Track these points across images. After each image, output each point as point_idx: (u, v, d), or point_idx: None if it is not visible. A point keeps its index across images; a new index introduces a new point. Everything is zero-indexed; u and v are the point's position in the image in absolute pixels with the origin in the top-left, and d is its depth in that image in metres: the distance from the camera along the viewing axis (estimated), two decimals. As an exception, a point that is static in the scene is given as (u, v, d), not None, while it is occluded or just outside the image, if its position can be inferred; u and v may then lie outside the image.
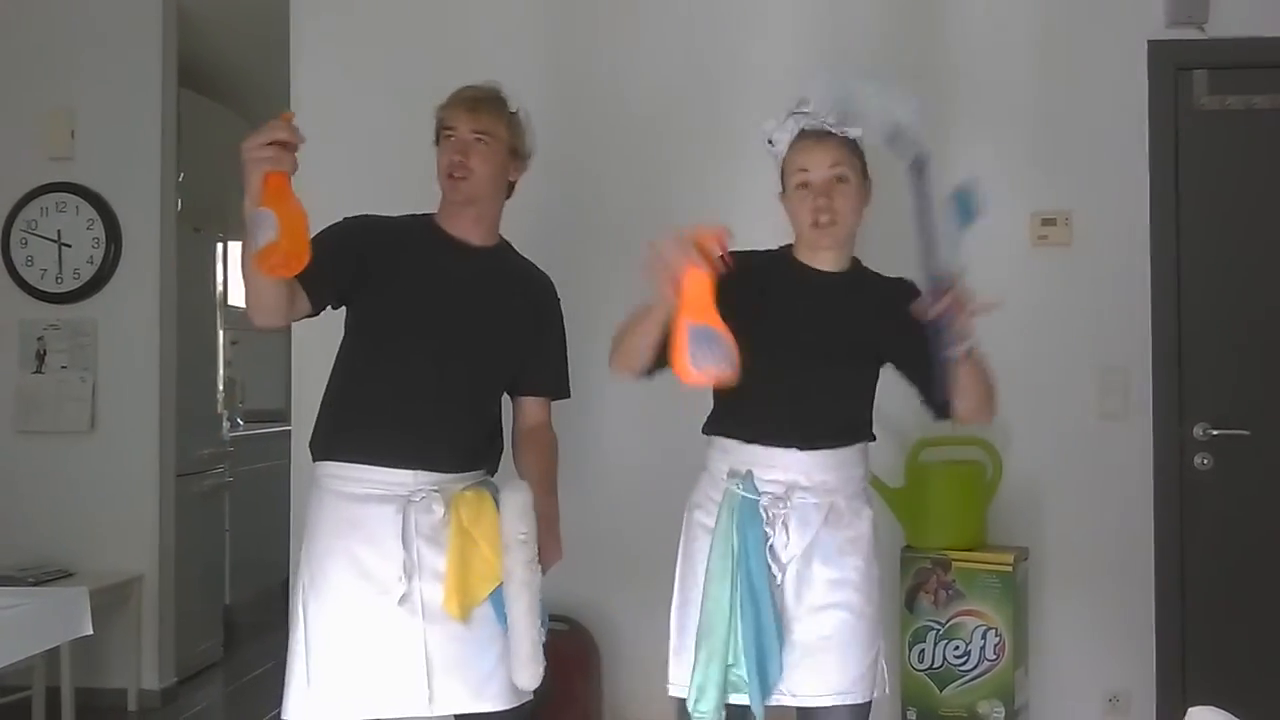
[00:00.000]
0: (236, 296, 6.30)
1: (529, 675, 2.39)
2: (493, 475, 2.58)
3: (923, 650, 3.33)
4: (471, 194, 2.50)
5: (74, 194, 4.74)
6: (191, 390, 5.12)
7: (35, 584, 4.17)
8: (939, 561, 3.34)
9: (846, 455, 2.42)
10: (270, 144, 2.04)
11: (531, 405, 2.65)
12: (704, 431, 2.48)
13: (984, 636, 3.29)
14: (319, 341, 2.75)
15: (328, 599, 2.42)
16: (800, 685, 2.34)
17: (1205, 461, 3.57)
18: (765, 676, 2.29)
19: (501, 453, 2.63)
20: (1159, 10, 3.57)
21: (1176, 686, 3.52)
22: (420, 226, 2.57)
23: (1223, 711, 1.71)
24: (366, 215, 2.58)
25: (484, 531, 2.43)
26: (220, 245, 5.86)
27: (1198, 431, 3.57)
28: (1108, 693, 3.55)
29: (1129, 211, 3.57)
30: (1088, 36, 3.60)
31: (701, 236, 2.01)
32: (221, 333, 5.73)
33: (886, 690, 2.47)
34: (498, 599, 2.42)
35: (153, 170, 4.78)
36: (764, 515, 2.33)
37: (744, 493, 2.34)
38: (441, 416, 2.46)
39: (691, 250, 2.00)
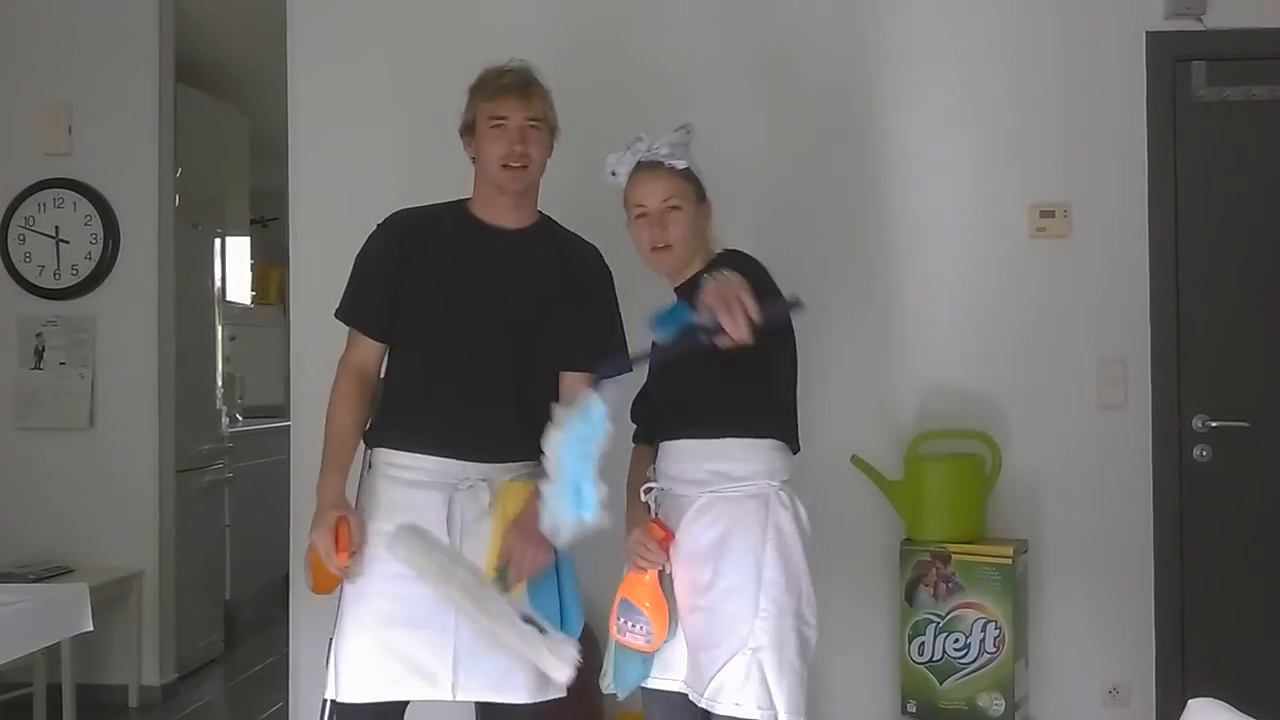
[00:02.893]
0: (235, 291, 6.31)
1: (559, 673, 2.39)
2: None
3: (923, 643, 3.34)
4: (530, 182, 2.54)
5: (72, 190, 4.74)
6: (191, 386, 5.12)
7: (35, 580, 4.17)
8: (938, 554, 3.34)
9: (708, 447, 2.40)
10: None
11: (572, 381, 2.54)
12: None
13: (984, 629, 3.29)
14: (318, 337, 2.75)
15: (371, 581, 2.44)
16: (687, 674, 2.40)
17: (1204, 453, 3.57)
18: (623, 666, 2.44)
19: None
20: (1157, 1, 3.57)
21: (1176, 678, 3.52)
22: (454, 216, 2.59)
23: (1222, 702, 1.71)
24: (398, 215, 2.63)
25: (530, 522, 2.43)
26: (219, 240, 5.86)
27: (1197, 423, 3.57)
28: (1108, 684, 3.56)
29: (1127, 203, 3.57)
30: (1086, 28, 3.60)
31: (649, 542, 2.39)
32: (220, 328, 5.74)
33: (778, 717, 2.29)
34: (535, 591, 2.45)
35: (150, 165, 4.78)
36: (650, 506, 2.45)
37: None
38: (479, 407, 2.48)
39: (642, 549, 2.38)
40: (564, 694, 2.50)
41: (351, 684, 2.44)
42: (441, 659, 2.41)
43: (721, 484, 2.39)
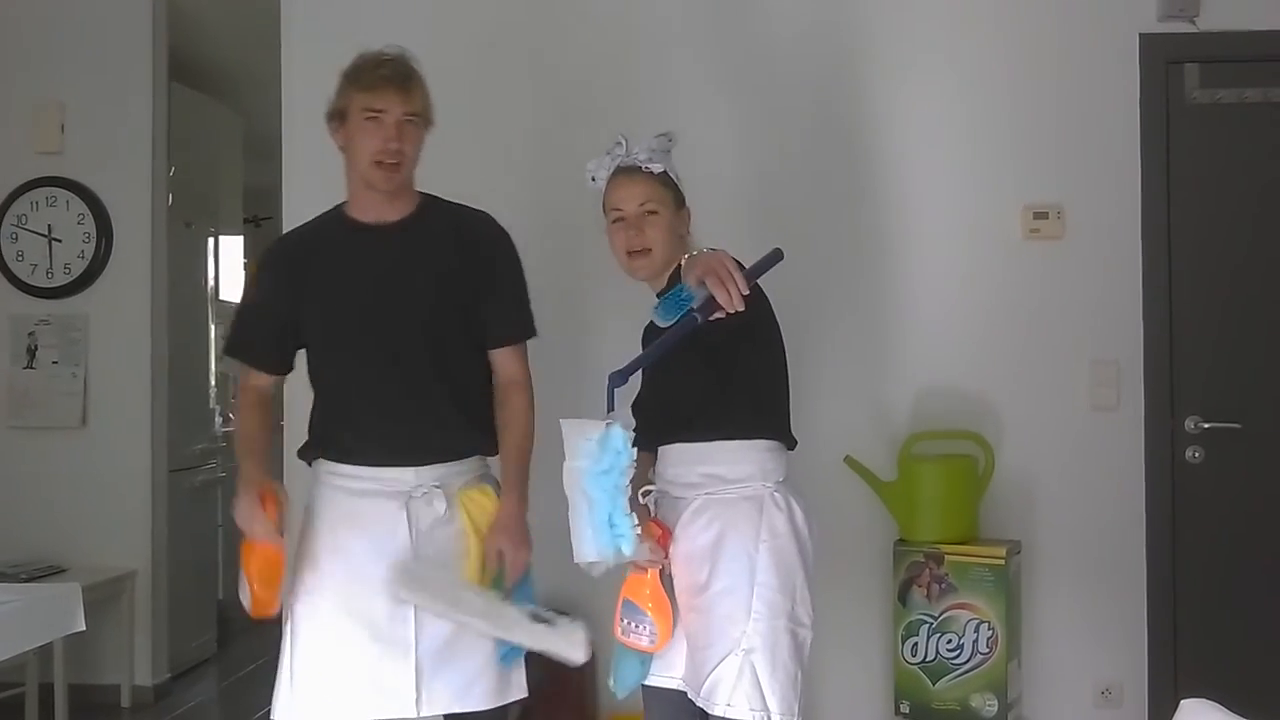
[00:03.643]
0: (228, 291, 6.29)
1: (576, 656, 2.36)
2: (494, 455, 2.52)
3: (915, 644, 3.34)
4: (403, 180, 2.44)
5: (64, 188, 4.72)
6: (183, 385, 5.11)
7: (28, 580, 4.16)
8: (932, 555, 3.35)
9: (699, 451, 2.41)
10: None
11: (502, 357, 2.51)
12: None
13: (977, 630, 3.29)
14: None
15: (323, 597, 2.39)
16: (685, 672, 2.40)
17: (1196, 455, 3.58)
18: (624, 665, 2.46)
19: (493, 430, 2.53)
20: (1150, 4, 3.58)
21: (1168, 678, 3.53)
22: (333, 224, 2.52)
23: (1214, 703, 1.71)
24: (277, 244, 2.63)
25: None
26: (211, 240, 5.84)
27: (1189, 424, 3.58)
28: (1100, 685, 3.57)
29: (1120, 205, 3.58)
30: (1080, 30, 3.61)
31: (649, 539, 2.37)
32: (213, 327, 5.71)
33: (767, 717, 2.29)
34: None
35: (143, 164, 4.76)
36: (650, 508, 2.45)
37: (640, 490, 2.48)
38: (413, 411, 2.41)
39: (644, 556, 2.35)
40: (525, 694, 2.48)
41: (310, 707, 2.36)
42: (403, 675, 2.35)
43: (715, 486, 2.39)
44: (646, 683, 2.47)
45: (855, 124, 3.66)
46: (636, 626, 2.41)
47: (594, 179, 2.52)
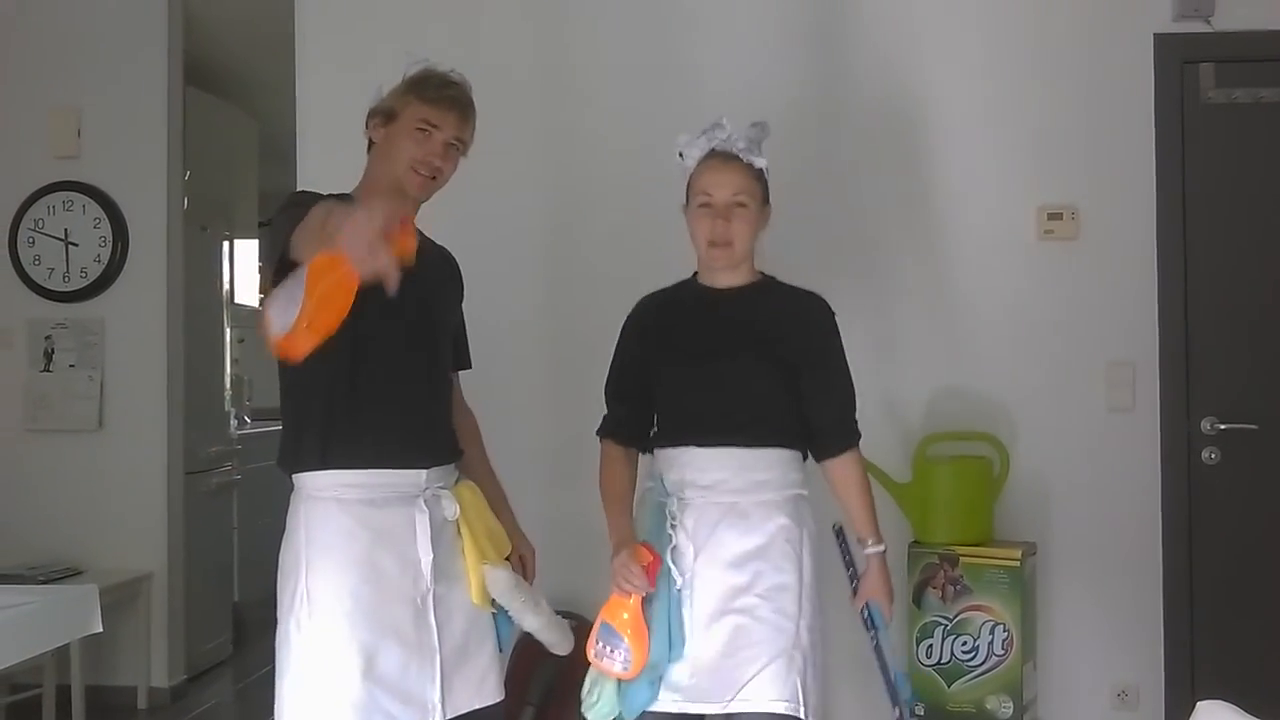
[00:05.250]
0: (243, 294, 6.32)
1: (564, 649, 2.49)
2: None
3: (930, 646, 3.34)
4: (431, 194, 2.47)
5: (81, 193, 4.75)
6: (199, 388, 5.13)
7: (45, 582, 4.18)
8: (946, 557, 3.34)
9: (751, 457, 2.39)
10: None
11: (455, 381, 2.61)
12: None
13: (992, 632, 3.29)
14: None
15: (349, 615, 2.27)
16: (701, 691, 2.34)
17: (1213, 456, 3.57)
18: (632, 689, 2.38)
19: None
20: (1165, 3, 3.57)
21: (1185, 680, 3.52)
22: None
23: (1231, 705, 1.71)
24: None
25: (484, 524, 2.44)
26: (227, 243, 5.88)
27: (1205, 426, 3.56)
28: (1116, 687, 3.55)
29: (1136, 205, 3.57)
30: (1094, 30, 3.60)
31: (634, 566, 2.35)
32: (229, 330, 5.74)
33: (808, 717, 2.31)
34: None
35: (159, 168, 4.79)
36: (669, 517, 2.39)
37: (654, 495, 2.44)
38: (435, 409, 2.46)
39: (627, 573, 2.34)
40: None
41: None
42: (433, 683, 2.31)
43: (762, 493, 2.38)
44: (654, 709, 2.38)
45: (868, 125, 3.65)
46: (611, 651, 2.35)
47: (682, 155, 2.46)
